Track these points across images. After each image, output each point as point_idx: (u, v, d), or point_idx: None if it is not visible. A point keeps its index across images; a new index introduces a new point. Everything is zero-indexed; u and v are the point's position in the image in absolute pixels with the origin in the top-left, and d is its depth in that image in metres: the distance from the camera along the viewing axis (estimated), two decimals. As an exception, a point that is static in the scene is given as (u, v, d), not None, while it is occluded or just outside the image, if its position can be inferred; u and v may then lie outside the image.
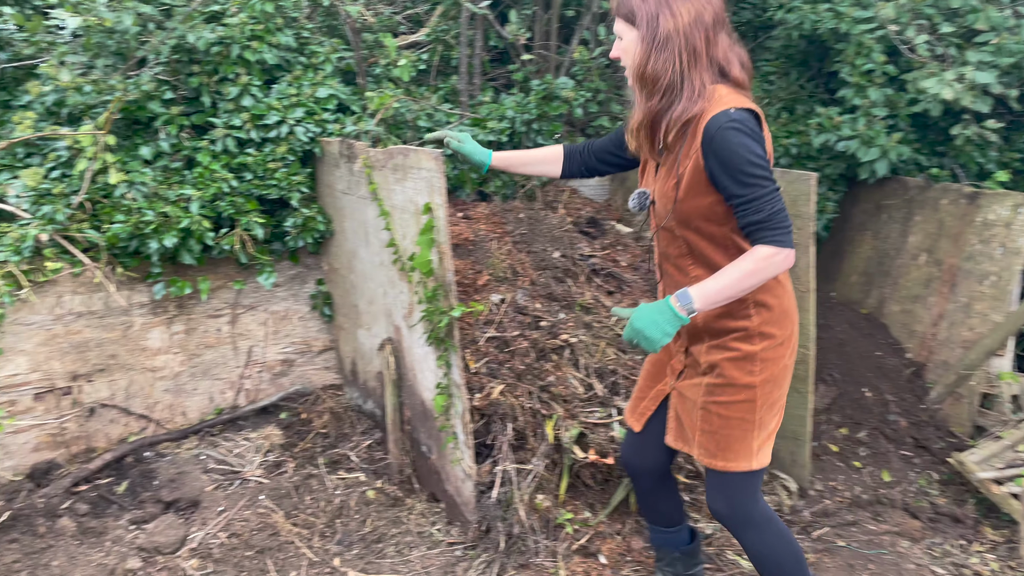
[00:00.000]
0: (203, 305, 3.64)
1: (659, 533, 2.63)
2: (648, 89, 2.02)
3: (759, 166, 1.93)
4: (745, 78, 2.05)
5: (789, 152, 4.21)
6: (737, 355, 2.12)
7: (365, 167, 3.13)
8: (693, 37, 1.97)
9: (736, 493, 2.25)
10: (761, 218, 1.93)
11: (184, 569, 2.77)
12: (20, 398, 3.24)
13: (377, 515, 3.06)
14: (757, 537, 2.28)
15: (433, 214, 2.70)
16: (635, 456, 2.52)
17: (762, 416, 2.16)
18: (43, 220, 3.17)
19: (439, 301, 2.77)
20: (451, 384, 2.82)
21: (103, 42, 3.42)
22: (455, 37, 4.18)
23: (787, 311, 2.15)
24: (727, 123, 1.92)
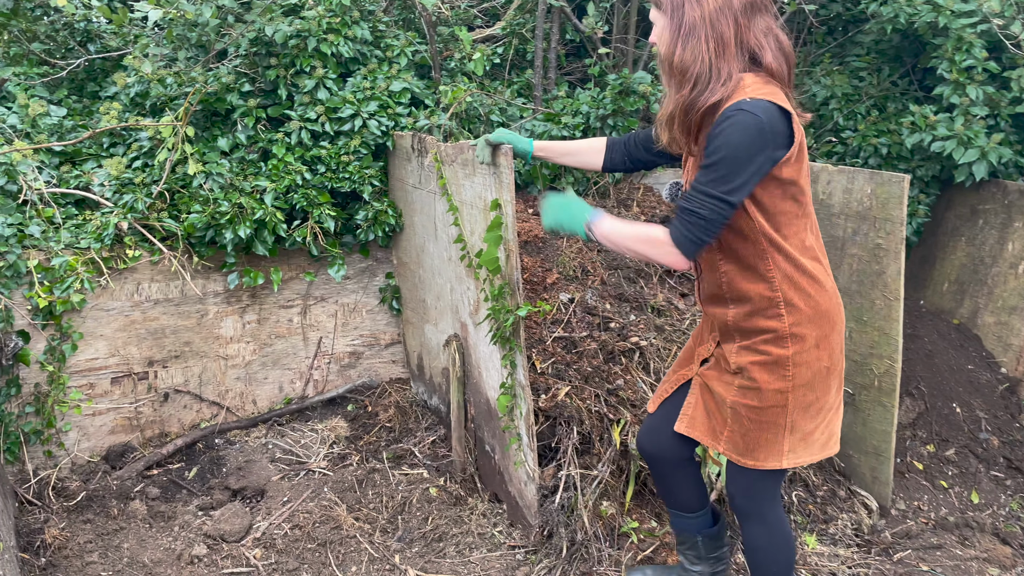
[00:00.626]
0: (275, 296, 3.68)
1: (679, 517, 2.53)
2: (678, 78, 1.95)
3: (729, 162, 1.85)
4: (778, 66, 1.94)
5: (879, 152, 4.00)
6: (767, 359, 2.05)
7: (436, 162, 3.10)
8: (720, 24, 1.89)
9: (757, 486, 2.20)
10: (685, 207, 1.92)
11: (248, 558, 2.80)
12: (98, 382, 3.33)
13: (439, 513, 3.03)
14: (763, 534, 2.25)
15: (501, 211, 2.64)
16: (647, 439, 2.43)
17: (794, 419, 2.08)
18: (124, 208, 3.24)
19: (505, 299, 2.71)
20: (515, 384, 2.76)
21: (184, 35, 3.48)
22: (531, 31, 4.11)
23: (823, 312, 2.05)
24: (734, 111, 1.85)
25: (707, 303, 2.20)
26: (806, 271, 2.02)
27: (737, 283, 2.06)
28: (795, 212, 1.99)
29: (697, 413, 2.26)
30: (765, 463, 2.11)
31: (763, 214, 1.96)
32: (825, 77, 4.27)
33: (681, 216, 1.93)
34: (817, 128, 4.31)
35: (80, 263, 3.12)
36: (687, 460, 2.44)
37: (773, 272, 2.00)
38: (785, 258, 2.00)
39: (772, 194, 1.94)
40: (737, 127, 1.83)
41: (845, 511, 3.18)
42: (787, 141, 1.90)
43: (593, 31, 3.90)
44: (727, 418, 2.15)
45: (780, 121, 1.87)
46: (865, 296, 3.14)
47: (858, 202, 3.10)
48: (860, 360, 3.20)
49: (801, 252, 2.01)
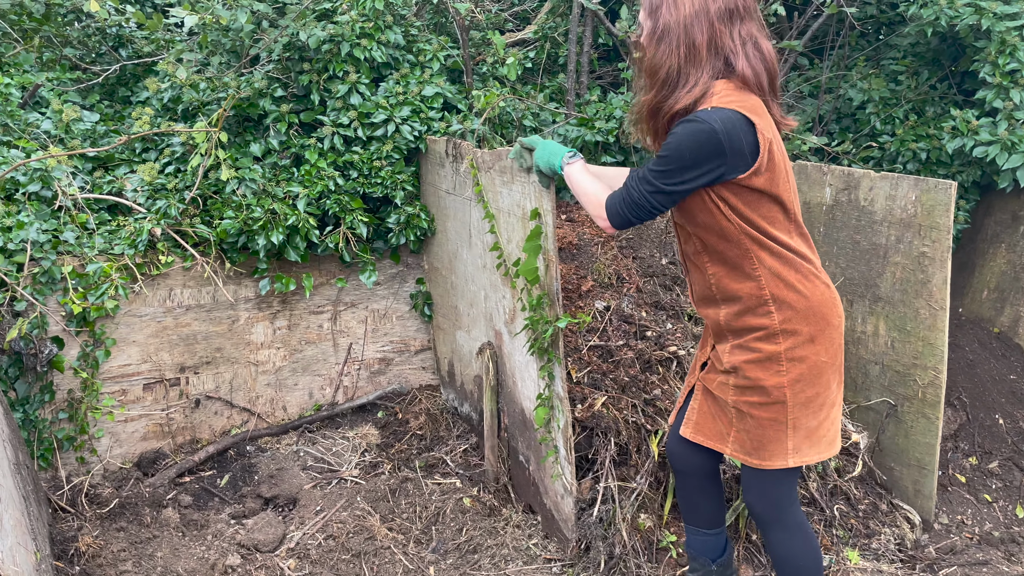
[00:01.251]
0: (306, 301, 3.66)
1: (697, 535, 2.49)
2: (648, 81, 1.98)
3: (673, 161, 1.90)
4: (752, 73, 1.94)
5: (918, 157, 3.92)
6: (759, 356, 2.05)
7: (472, 168, 3.05)
8: (693, 30, 1.91)
9: (772, 489, 2.19)
10: (626, 183, 2.02)
11: (282, 569, 2.77)
12: (131, 388, 3.32)
13: (473, 524, 2.99)
14: (785, 539, 2.23)
15: (541, 220, 2.59)
16: (678, 448, 2.40)
17: (795, 416, 2.07)
18: (157, 214, 3.23)
19: (543, 310, 2.66)
20: (553, 396, 2.71)
21: (218, 40, 3.47)
22: (563, 34, 4.07)
23: (814, 308, 2.04)
24: (692, 118, 1.88)
25: (700, 304, 2.21)
26: (795, 267, 2.02)
27: (725, 283, 2.07)
28: (777, 216, 2.00)
29: (701, 417, 2.26)
30: (772, 462, 2.10)
31: (741, 218, 1.97)
32: (861, 81, 4.20)
33: (622, 190, 2.03)
34: (854, 132, 4.24)
35: (114, 269, 3.11)
36: (715, 472, 2.42)
37: (759, 270, 2.01)
38: (770, 255, 2.00)
39: (747, 200, 1.95)
40: (688, 132, 1.87)
41: (887, 525, 3.11)
42: (752, 151, 1.89)
43: (627, 34, 3.85)
44: (732, 419, 2.15)
45: (742, 131, 1.87)
46: (909, 305, 3.07)
47: (902, 209, 3.03)
48: (903, 371, 3.13)
49: (788, 249, 2.02)
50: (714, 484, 2.43)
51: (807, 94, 4.44)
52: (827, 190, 3.27)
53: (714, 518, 2.47)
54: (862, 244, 3.18)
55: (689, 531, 2.51)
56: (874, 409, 3.25)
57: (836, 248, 3.27)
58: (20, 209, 3.07)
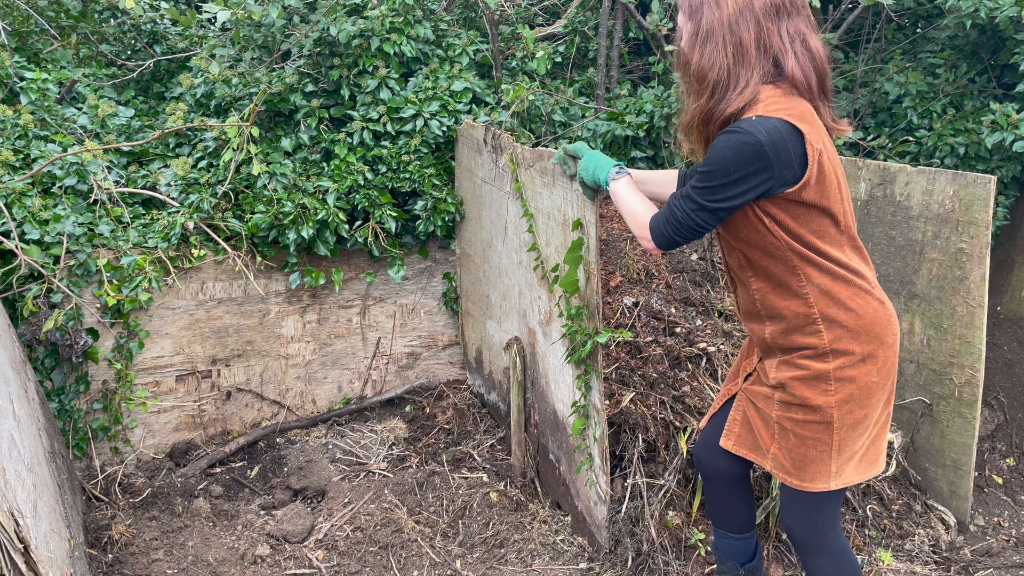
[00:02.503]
0: (335, 296, 3.69)
1: (726, 539, 2.44)
2: (696, 87, 1.88)
3: (716, 176, 1.80)
4: (802, 74, 1.84)
5: (956, 152, 3.84)
6: (807, 374, 1.96)
7: (511, 163, 3.02)
8: (739, 28, 1.80)
9: (813, 513, 2.10)
10: (670, 203, 1.94)
11: (311, 559, 2.79)
12: (164, 379, 3.37)
13: (499, 519, 2.99)
14: (827, 565, 2.13)
15: (584, 231, 2.50)
16: (704, 454, 2.36)
17: (841, 438, 1.97)
18: (190, 208, 3.27)
19: (582, 321, 2.61)
20: (589, 406, 2.67)
21: (250, 35, 3.50)
22: (593, 28, 4.05)
23: (866, 327, 1.94)
24: (735, 129, 1.78)
25: (745, 319, 2.12)
26: (847, 283, 1.92)
27: (770, 300, 1.98)
28: (828, 230, 1.89)
29: (742, 429, 2.20)
30: (814, 484, 2.01)
31: (789, 233, 1.87)
32: (898, 74, 4.12)
33: (665, 209, 1.95)
34: (890, 127, 4.16)
35: (148, 262, 3.15)
36: (744, 478, 2.36)
37: (807, 288, 1.91)
38: (820, 271, 1.90)
39: (796, 214, 1.85)
40: (730, 144, 1.76)
41: (922, 526, 3.05)
42: (801, 163, 1.79)
43: (657, 28, 3.81)
44: (774, 434, 2.07)
45: (789, 142, 1.76)
46: (945, 303, 3.01)
47: (939, 204, 2.97)
48: (939, 369, 3.07)
49: (839, 265, 1.91)
50: (742, 489, 2.38)
51: (842, 88, 4.37)
52: (862, 185, 3.22)
53: (742, 523, 2.42)
54: (898, 240, 3.12)
55: (717, 534, 2.47)
56: (909, 408, 3.19)
57: (871, 244, 3.21)
58: (57, 203, 3.12)
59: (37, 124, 3.33)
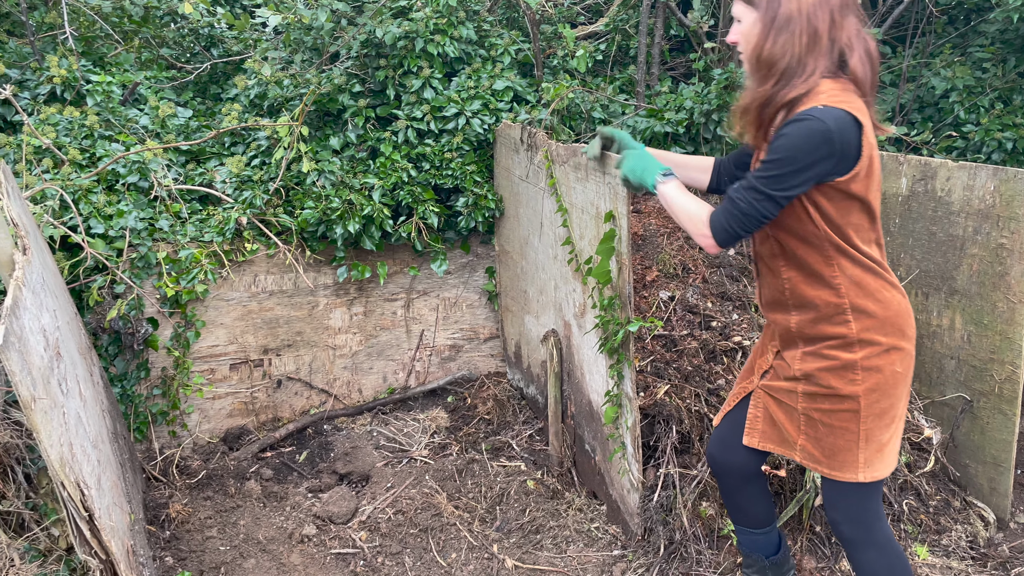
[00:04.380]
0: (380, 289, 3.81)
1: (746, 535, 2.47)
2: (763, 72, 1.91)
3: (786, 163, 1.83)
4: (863, 70, 1.89)
5: (1004, 147, 3.79)
6: (835, 364, 2.00)
7: (546, 160, 3.10)
8: (816, 18, 1.85)
9: (854, 505, 2.11)
10: (731, 197, 1.94)
11: (354, 540, 2.92)
12: (218, 367, 3.54)
13: (536, 506, 3.08)
14: (877, 558, 2.13)
15: (616, 223, 2.57)
16: (718, 452, 2.39)
17: (868, 427, 2.02)
18: (244, 204, 3.43)
19: (615, 311, 2.69)
20: (622, 395, 2.74)
21: (300, 38, 3.64)
22: (634, 26, 4.09)
23: (891, 319, 1.99)
24: (805, 116, 1.81)
25: (768, 309, 2.15)
26: (877, 274, 1.98)
27: (801, 289, 2.01)
28: (863, 225, 1.95)
29: (765, 426, 2.22)
30: (843, 473, 2.05)
31: (830, 224, 1.92)
32: (945, 69, 4.08)
33: (726, 204, 1.94)
34: (936, 122, 4.12)
35: (204, 255, 3.32)
36: (756, 474, 2.38)
37: (839, 278, 1.96)
38: (853, 263, 1.95)
39: (839, 205, 1.91)
40: (802, 132, 1.80)
41: (959, 523, 3.04)
42: (856, 154, 1.85)
43: (698, 25, 3.85)
44: (800, 425, 2.11)
45: (851, 133, 1.83)
46: (986, 298, 2.99)
47: (980, 199, 2.96)
48: (979, 366, 3.05)
49: (868, 258, 1.97)
50: (756, 486, 2.40)
51: (887, 83, 4.34)
52: (903, 180, 3.21)
53: (761, 519, 2.44)
54: (938, 235, 3.11)
55: (738, 531, 2.51)
56: (948, 404, 3.18)
57: (912, 240, 3.21)
58: (120, 199, 3.31)
59: (102, 125, 3.52)
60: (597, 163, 2.60)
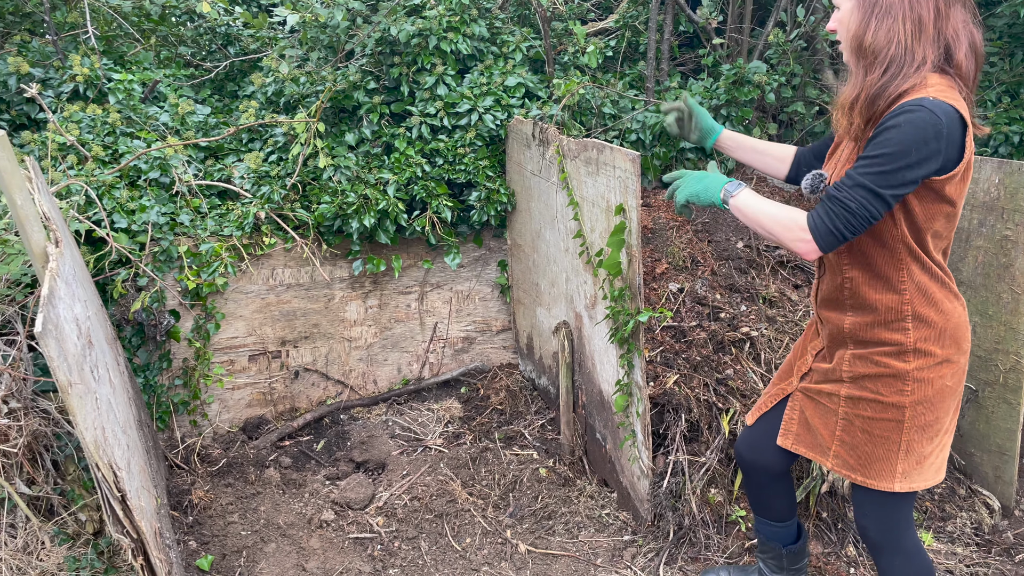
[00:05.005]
0: (395, 282, 3.89)
1: (767, 525, 2.48)
2: (867, 61, 1.82)
3: (896, 158, 1.72)
4: (967, 66, 1.80)
5: (1011, 140, 3.82)
6: (884, 372, 1.95)
7: (558, 155, 3.17)
8: (919, 5, 1.77)
9: (888, 515, 2.08)
10: (834, 196, 1.80)
11: (371, 524, 3.00)
12: (237, 358, 3.62)
13: (548, 493, 3.15)
14: (902, 564, 2.10)
15: (626, 216, 2.64)
16: (748, 451, 2.38)
17: (910, 439, 1.97)
18: (262, 199, 3.51)
19: (625, 302, 2.75)
20: (632, 384, 2.81)
21: (317, 36, 3.72)
22: (644, 23, 4.15)
23: (950, 331, 1.93)
24: (915, 106, 1.71)
25: (823, 307, 2.10)
26: (943, 284, 1.92)
27: (862, 291, 1.96)
28: (941, 232, 1.88)
29: (800, 429, 2.20)
30: (878, 482, 2.01)
31: (909, 224, 1.84)
32: (952, 63, 4.11)
33: (826, 204, 1.82)
34: (943, 116, 4.16)
35: (224, 249, 3.40)
36: (784, 473, 2.40)
37: (906, 284, 1.90)
38: (922, 269, 1.89)
39: (927, 207, 1.82)
40: (915, 123, 1.70)
41: (965, 510, 3.09)
42: (959, 154, 1.77)
43: (707, 21, 3.90)
44: (835, 430, 2.07)
45: (958, 130, 1.75)
46: (991, 290, 3.04)
47: (984, 192, 3.00)
48: (985, 356, 3.10)
49: (938, 266, 1.91)
50: (782, 484, 2.42)
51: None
52: (908, 174, 3.25)
53: (784, 512, 2.46)
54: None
55: (759, 520, 2.53)
56: (954, 394, 3.23)
57: (916, 232, 3.25)
58: (142, 194, 3.39)
59: (124, 122, 3.61)
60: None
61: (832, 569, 2.80)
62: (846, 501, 2.95)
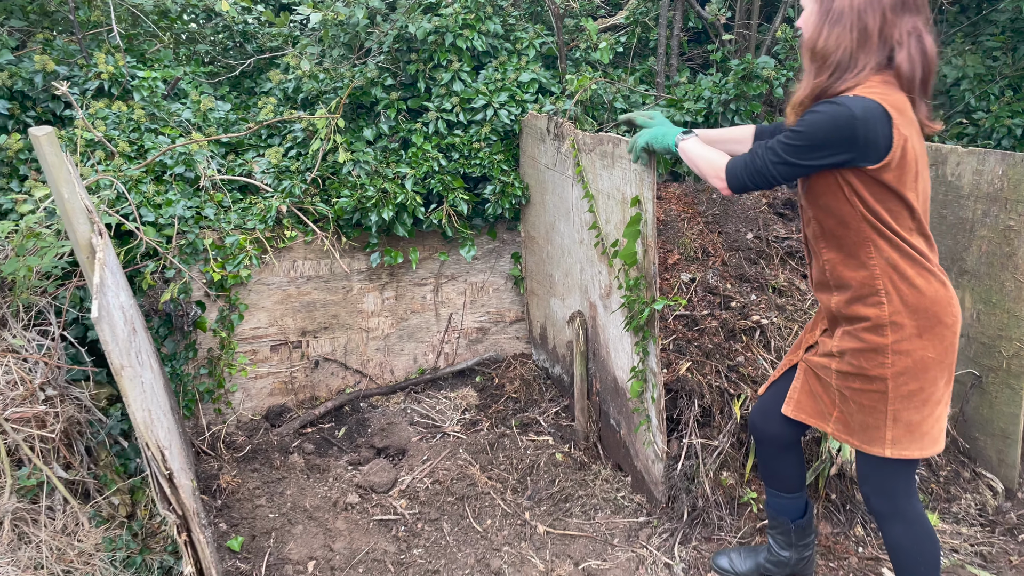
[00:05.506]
0: (411, 274, 3.98)
1: (776, 498, 2.60)
2: (817, 64, 2.00)
3: (804, 136, 1.95)
4: (909, 68, 1.95)
5: (1013, 133, 3.91)
6: (867, 347, 2.09)
7: (573, 149, 3.26)
8: (867, 16, 1.93)
9: (886, 482, 2.21)
10: (753, 149, 2.11)
11: (395, 507, 3.10)
12: (260, 348, 3.72)
13: (564, 477, 3.25)
14: (905, 532, 2.24)
15: (641, 207, 2.72)
16: (759, 419, 2.52)
17: (896, 408, 2.10)
18: (283, 193, 3.60)
19: (640, 291, 2.83)
20: (647, 371, 2.90)
21: (337, 35, 3.80)
22: (654, 19, 4.23)
23: (926, 305, 2.05)
24: (835, 102, 1.92)
25: (816, 290, 2.27)
26: (914, 261, 2.03)
27: (839, 270, 2.11)
28: (901, 213, 2.01)
29: (802, 397, 2.33)
30: (871, 447, 2.14)
31: (865, 205, 1.99)
32: (956, 57, 4.19)
33: (744, 155, 2.11)
34: (947, 109, 4.24)
35: (247, 242, 3.49)
36: (794, 443, 2.51)
37: (875, 260, 2.03)
38: (890, 246, 2.02)
39: (873, 191, 1.98)
40: (827, 113, 1.91)
41: (969, 492, 3.19)
42: (885, 144, 1.91)
43: (716, 17, 3.98)
44: (835, 400, 2.21)
45: (880, 123, 1.90)
46: (994, 278, 3.13)
47: (988, 183, 3.09)
48: (988, 343, 3.19)
49: (907, 244, 2.03)
50: (793, 453, 2.53)
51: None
52: (913, 166, 3.34)
53: (793, 484, 2.57)
54: (949, 218, 3.25)
55: (769, 493, 2.63)
56: (959, 380, 3.32)
57: (922, 222, 3.34)
58: (167, 189, 3.49)
59: (148, 118, 3.70)
60: (633, 149, 2.63)
61: (841, 548, 2.90)
62: (854, 483, 3.05)
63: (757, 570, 2.71)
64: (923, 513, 2.26)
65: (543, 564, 2.81)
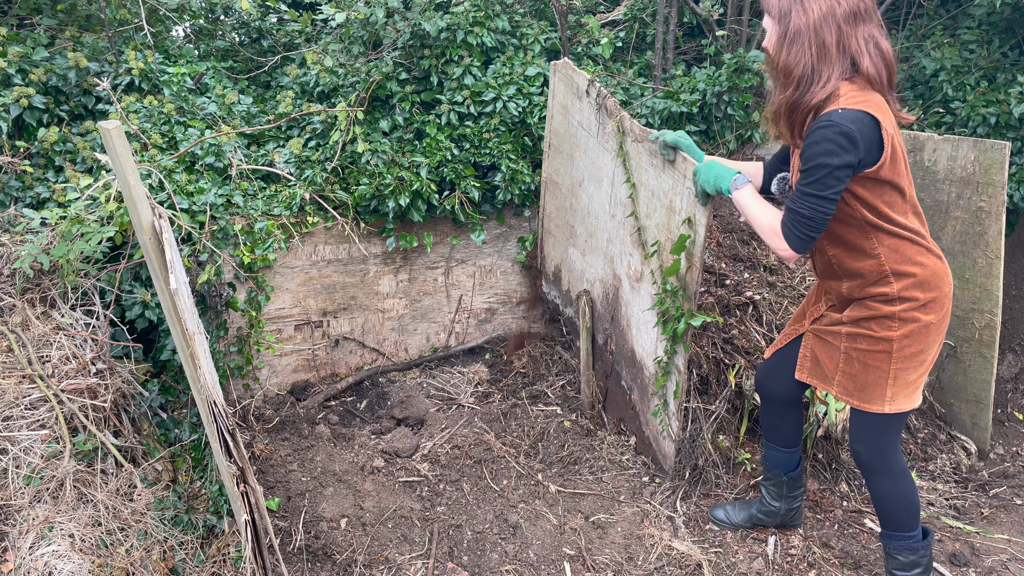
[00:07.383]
0: (424, 257, 4.23)
1: (774, 451, 2.87)
2: (782, 80, 2.18)
3: (822, 168, 2.09)
4: (876, 72, 2.14)
5: (987, 121, 4.18)
6: (876, 313, 2.32)
7: (618, 132, 3.24)
8: (823, 32, 2.10)
9: (877, 436, 2.46)
10: (791, 208, 2.20)
11: (419, 470, 3.36)
12: (285, 328, 3.96)
13: (573, 442, 3.51)
14: (890, 483, 2.52)
15: (692, 228, 2.78)
16: (766, 378, 2.80)
17: (897, 368, 2.34)
18: (305, 182, 3.84)
19: (678, 300, 2.96)
20: (672, 366, 3.10)
21: (357, 32, 4.04)
22: (651, 15, 4.48)
23: (929, 278, 2.29)
24: (826, 122, 2.07)
25: (823, 278, 2.50)
26: (913, 242, 2.27)
27: (846, 263, 2.33)
28: (896, 200, 2.23)
29: (811, 364, 2.60)
30: (871, 405, 2.39)
31: (864, 204, 2.21)
32: (935, 50, 4.45)
33: (788, 215, 2.21)
34: (926, 100, 4.51)
35: (275, 227, 3.73)
36: (796, 400, 2.80)
37: (878, 249, 2.26)
38: (889, 235, 2.25)
39: (871, 188, 2.19)
40: (827, 137, 2.07)
41: (945, 452, 3.47)
42: (879, 147, 2.12)
43: (709, 14, 4.23)
44: (838, 363, 2.46)
45: (871, 129, 2.09)
46: (967, 255, 3.41)
47: (962, 168, 3.36)
48: (962, 315, 3.47)
49: (904, 228, 2.27)
50: (794, 411, 2.81)
51: (882, 64, 4.71)
52: (894, 153, 3.60)
53: (791, 439, 2.86)
54: (926, 201, 3.52)
55: (767, 447, 2.92)
56: (935, 350, 3.60)
57: (901, 205, 3.61)
58: (198, 178, 3.72)
59: (177, 111, 3.93)
60: (668, 157, 2.79)
61: (827, 502, 3.18)
62: (839, 444, 3.32)
63: (750, 520, 2.99)
64: (907, 467, 2.54)
65: (556, 518, 3.08)
